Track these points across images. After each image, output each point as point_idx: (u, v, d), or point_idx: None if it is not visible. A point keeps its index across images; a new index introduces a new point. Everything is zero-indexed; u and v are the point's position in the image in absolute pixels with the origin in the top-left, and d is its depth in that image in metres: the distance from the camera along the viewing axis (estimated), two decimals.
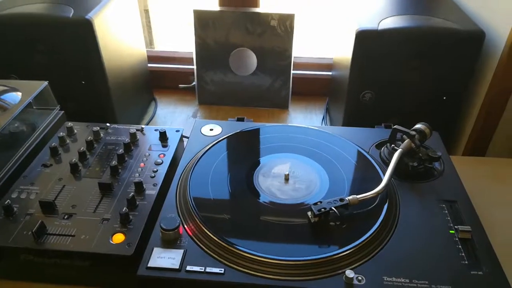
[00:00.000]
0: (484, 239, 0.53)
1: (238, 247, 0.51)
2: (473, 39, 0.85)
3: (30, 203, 0.60)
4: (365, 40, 0.86)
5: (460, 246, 0.52)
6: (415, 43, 0.86)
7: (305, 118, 1.22)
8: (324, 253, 0.50)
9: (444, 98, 0.92)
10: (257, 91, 1.25)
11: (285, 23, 1.16)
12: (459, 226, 0.54)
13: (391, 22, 0.88)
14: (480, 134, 0.89)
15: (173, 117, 1.22)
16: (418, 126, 0.66)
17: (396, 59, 0.88)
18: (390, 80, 0.90)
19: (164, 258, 0.50)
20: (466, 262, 0.50)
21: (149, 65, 1.28)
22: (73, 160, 0.65)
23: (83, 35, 0.90)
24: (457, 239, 0.53)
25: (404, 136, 0.65)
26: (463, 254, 0.51)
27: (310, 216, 0.55)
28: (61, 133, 0.71)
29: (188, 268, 0.49)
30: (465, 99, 0.94)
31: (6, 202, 0.58)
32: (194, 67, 1.24)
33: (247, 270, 0.49)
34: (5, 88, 0.76)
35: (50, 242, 0.54)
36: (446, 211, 0.57)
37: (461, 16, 0.92)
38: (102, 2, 0.96)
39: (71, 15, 0.90)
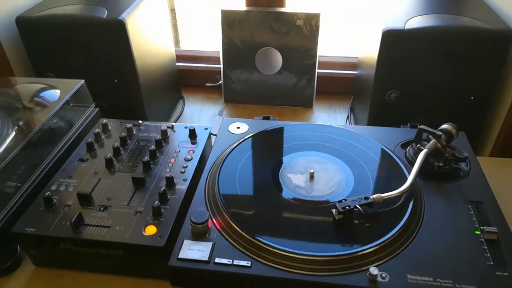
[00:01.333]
0: (510, 240, 0.53)
1: (265, 241, 0.52)
2: (503, 39, 0.84)
3: (68, 195, 0.63)
4: (392, 39, 0.86)
5: (485, 247, 0.52)
6: (443, 43, 0.86)
7: (329, 117, 1.23)
8: (348, 250, 0.51)
9: (472, 98, 0.91)
10: (282, 90, 1.27)
11: (311, 22, 1.17)
12: (485, 227, 0.54)
13: (418, 22, 0.87)
14: (508, 135, 0.88)
15: (200, 114, 1.25)
16: (444, 126, 0.66)
17: (423, 59, 0.88)
18: (416, 79, 0.90)
19: (193, 250, 0.52)
20: (492, 263, 0.51)
21: (177, 64, 1.32)
22: (108, 155, 0.68)
23: (116, 35, 0.94)
24: (482, 239, 0.53)
25: (430, 136, 0.65)
26: (488, 255, 0.51)
27: (334, 213, 0.56)
28: (96, 129, 0.75)
29: (217, 260, 0.51)
30: (493, 99, 0.93)
31: (46, 194, 0.61)
32: (221, 66, 1.26)
33: (273, 264, 0.51)
34: (45, 86, 0.80)
35: (87, 233, 0.57)
36: (472, 212, 0.57)
37: (490, 15, 0.91)
38: (134, 3, 0.99)
39: (105, 16, 0.94)
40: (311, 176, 0.64)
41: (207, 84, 1.34)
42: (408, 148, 0.69)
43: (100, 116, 0.83)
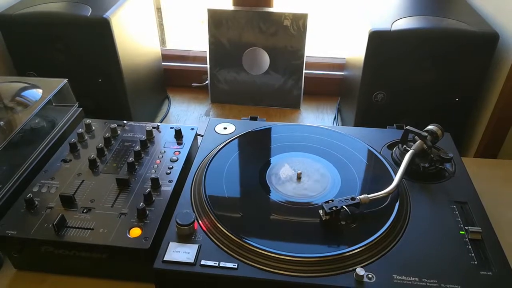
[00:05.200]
0: (494, 240, 0.54)
1: (251, 243, 0.52)
2: (487, 41, 0.85)
3: (51, 197, 0.62)
4: (378, 40, 0.87)
5: (470, 247, 0.53)
6: (428, 44, 0.87)
7: (317, 118, 1.23)
8: (335, 250, 0.51)
9: (457, 99, 0.92)
10: (269, 90, 1.26)
11: (298, 22, 1.17)
12: (469, 227, 0.55)
13: (404, 23, 0.88)
14: (492, 136, 0.89)
15: (186, 115, 1.24)
16: (430, 127, 0.66)
17: (409, 60, 0.88)
18: (402, 81, 0.91)
19: (179, 252, 0.52)
20: (476, 262, 0.51)
21: (163, 63, 1.30)
22: (91, 156, 0.67)
23: (101, 33, 0.93)
24: (467, 239, 0.54)
25: (416, 137, 0.66)
26: (473, 254, 0.52)
27: (321, 214, 0.56)
28: (79, 130, 0.73)
29: (203, 262, 0.50)
30: (478, 101, 0.94)
31: (27, 196, 0.60)
32: (207, 65, 1.25)
33: (259, 266, 0.50)
34: (27, 85, 0.78)
35: (70, 235, 0.56)
36: (457, 212, 0.58)
37: (475, 17, 0.92)
38: (119, 2, 0.98)
39: (89, 14, 0.93)
40: (298, 177, 0.64)
41: (193, 84, 1.33)
42: (394, 149, 0.69)
43: (83, 116, 0.81)
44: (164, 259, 0.51)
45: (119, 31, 0.95)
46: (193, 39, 1.67)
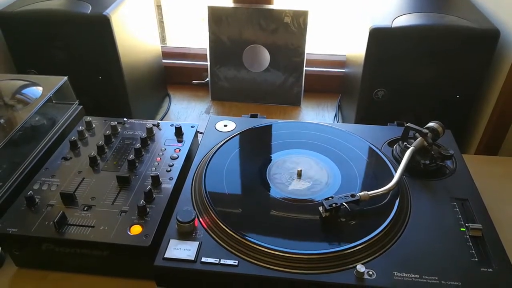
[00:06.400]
0: (495, 237, 0.54)
1: (251, 240, 0.52)
2: (488, 38, 0.85)
3: (51, 194, 0.62)
4: (379, 37, 0.87)
5: (470, 244, 0.53)
6: (429, 41, 0.86)
7: (317, 115, 1.23)
8: (335, 247, 0.51)
9: (458, 96, 0.92)
10: (269, 88, 1.26)
11: (299, 19, 1.17)
12: (470, 224, 0.55)
13: (405, 20, 0.88)
14: (493, 133, 0.89)
15: (187, 112, 1.24)
16: (431, 124, 0.66)
17: (410, 57, 0.88)
18: (403, 78, 0.91)
19: (180, 250, 0.52)
20: (476, 259, 0.51)
21: (163, 61, 1.30)
22: (92, 154, 0.67)
23: (101, 31, 0.92)
24: (467, 236, 0.54)
25: (417, 134, 0.66)
26: (473, 251, 0.52)
27: (321, 211, 0.56)
28: (80, 127, 0.73)
29: (203, 259, 0.51)
30: (479, 97, 0.94)
31: (28, 193, 0.60)
32: (208, 63, 1.25)
33: (260, 263, 0.50)
34: (27, 82, 0.78)
35: (71, 233, 0.56)
36: (458, 209, 0.58)
37: (475, 14, 0.92)
38: None
39: (89, 11, 0.92)
40: (299, 174, 0.64)
41: (193, 81, 1.33)
42: (395, 146, 0.69)
43: (83, 114, 0.81)
44: (165, 256, 0.51)
45: (119, 28, 0.95)
46: (193, 36, 1.67)
